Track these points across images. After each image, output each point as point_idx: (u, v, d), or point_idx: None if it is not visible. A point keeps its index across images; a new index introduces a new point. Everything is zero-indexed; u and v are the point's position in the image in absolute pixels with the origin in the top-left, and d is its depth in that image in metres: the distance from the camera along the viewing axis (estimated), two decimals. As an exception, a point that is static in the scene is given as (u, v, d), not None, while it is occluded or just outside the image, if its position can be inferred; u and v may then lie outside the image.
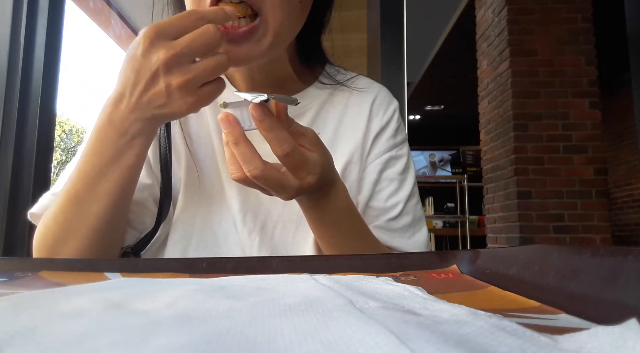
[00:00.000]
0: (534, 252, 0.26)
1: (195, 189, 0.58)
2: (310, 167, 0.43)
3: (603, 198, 2.82)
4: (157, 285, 0.23)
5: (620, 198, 5.45)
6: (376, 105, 0.64)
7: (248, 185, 0.43)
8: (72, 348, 0.12)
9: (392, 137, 0.63)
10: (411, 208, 0.61)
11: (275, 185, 0.42)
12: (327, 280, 0.25)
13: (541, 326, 0.17)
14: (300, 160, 0.42)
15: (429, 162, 7.17)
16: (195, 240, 0.57)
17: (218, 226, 0.57)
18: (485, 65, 3.33)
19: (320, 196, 0.47)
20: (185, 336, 0.13)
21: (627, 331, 0.12)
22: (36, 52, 1.09)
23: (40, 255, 0.49)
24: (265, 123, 0.40)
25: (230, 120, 0.41)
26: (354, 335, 0.12)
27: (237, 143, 0.41)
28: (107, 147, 0.44)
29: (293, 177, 0.43)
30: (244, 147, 0.41)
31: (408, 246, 0.59)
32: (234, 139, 0.41)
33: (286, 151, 0.41)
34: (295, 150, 0.41)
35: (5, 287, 0.27)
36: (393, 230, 0.60)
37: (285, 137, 0.41)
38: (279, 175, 0.42)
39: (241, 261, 0.35)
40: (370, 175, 0.61)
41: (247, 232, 0.57)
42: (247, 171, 0.41)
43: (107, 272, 0.32)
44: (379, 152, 0.62)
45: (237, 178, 0.42)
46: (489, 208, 3.30)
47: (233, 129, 0.41)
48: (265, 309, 0.16)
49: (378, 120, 0.63)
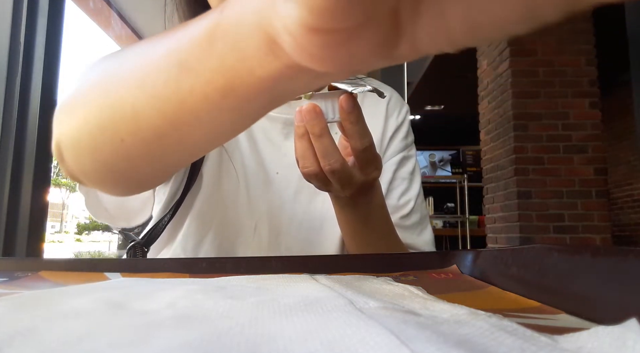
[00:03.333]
0: (534, 252, 0.26)
1: (217, 184, 0.58)
2: (377, 162, 0.43)
3: (603, 198, 2.82)
4: (157, 285, 0.23)
5: (620, 199, 5.44)
6: (391, 106, 0.66)
7: (316, 180, 0.42)
8: (72, 348, 0.12)
9: (405, 137, 0.66)
10: (419, 206, 0.63)
11: (347, 179, 0.41)
12: (327, 280, 0.25)
13: (541, 326, 0.17)
14: (373, 155, 0.42)
15: (429, 162, 7.16)
16: (211, 236, 0.57)
17: (240, 224, 0.57)
18: (485, 65, 3.33)
19: (368, 192, 0.47)
20: (185, 336, 0.13)
21: (627, 331, 0.12)
22: (36, 52, 1.08)
23: (61, 118, 0.32)
24: (353, 115, 0.39)
25: (318, 112, 0.39)
26: (354, 335, 0.12)
27: (321, 135, 0.39)
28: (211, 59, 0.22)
29: (360, 172, 0.42)
30: (328, 140, 0.39)
31: (418, 243, 0.61)
32: (320, 130, 0.39)
33: (366, 145, 0.40)
34: (372, 145, 0.41)
35: (5, 287, 0.27)
36: (405, 227, 0.61)
37: (366, 130, 0.40)
38: (352, 170, 0.41)
39: (241, 261, 0.35)
40: (386, 174, 0.63)
41: (272, 232, 0.57)
42: (326, 164, 0.39)
43: (107, 272, 0.32)
44: (394, 152, 0.64)
45: (310, 173, 0.41)
46: (489, 208, 3.30)
47: (320, 121, 0.39)
48: (265, 309, 0.16)
49: (393, 120, 0.65)
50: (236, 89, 0.21)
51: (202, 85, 0.21)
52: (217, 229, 0.57)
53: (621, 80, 4.60)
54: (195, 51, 0.21)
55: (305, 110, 0.39)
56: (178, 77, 0.22)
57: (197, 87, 0.22)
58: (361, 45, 0.16)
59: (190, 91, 0.22)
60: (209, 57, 0.21)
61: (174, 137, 0.25)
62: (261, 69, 0.19)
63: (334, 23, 0.15)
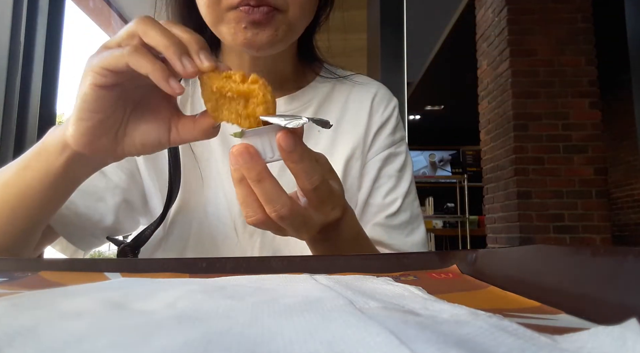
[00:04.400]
0: (534, 252, 0.26)
1: (192, 190, 0.58)
2: (335, 199, 0.38)
3: (603, 198, 2.82)
4: (157, 285, 0.23)
5: (620, 199, 5.44)
6: (376, 102, 0.64)
7: (266, 227, 0.37)
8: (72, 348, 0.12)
9: (392, 134, 0.64)
10: (409, 205, 0.61)
11: (300, 224, 0.37)
12: (327, 280, 0.25)
13: (541, 326, 0.17)
14: (327, 193, 0.37)
15: (429, 162, 7.17)
16: (193, 243, 0.57)
17: (216, 229, 0.57)
18: (485, 65, 3.33)
19: (333, 229, 0.42)
20: (185, 336, 0.13)
21: (627, 331, 0.12)
22: (36, 52, 1.08)
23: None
24: (296, 154, 0.34)
25: (252, 153, 0.33)
26: (354, 335, 0.12)
27: (260, 180, 0.34)
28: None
29: (317, 213, 0.38)
30: (269, 183, 0.34)
31: (406, 245, 0.59)
32: (257, 175, 0.34)
33: (315, 184, 0.35)
34: (324, 182, 0.36)
35: (5, 287, 0.27)
36: (391, 226, 0.59)
37: (314, 167, 0.35)
38: (305, 212, 0.37)
39: (241, 261, 0.35)
40: (370, 172, 0.61)
41: (248, 234, 0.57)
42: (272, 211, 0.35)
43: (107, 272, 0.32)
44: (379, 149, 0.63)
45: (256, 222, 0.36)
46: (489, 208, 3.30)
47: (256, 164, 0.34)
48: (266, 309, 0.16)
49: (378, 116, 0.64)
50: (51, 171, 0.40)
51: (35, 172, 0.41)
52: (198, 237, 0.57)
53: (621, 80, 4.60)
54: (31, 155, 0.42)
55: (237, 153, 0.34)
56: (23, 171, 0.42)
57: (33, 174, 0.41)
58: (101, 142, 0.38)
59: (30, 176, 0.41)
60: (39, 157, 0.41)
61: (25, 203, 0.43)
62: (63, 155, 0.40)
63: (86, 137, 0.37)
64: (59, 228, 0.52)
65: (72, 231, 0.53)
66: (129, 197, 0.57)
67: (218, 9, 0.48)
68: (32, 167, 0.41)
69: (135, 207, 0.58)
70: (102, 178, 0.55)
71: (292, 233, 0.38)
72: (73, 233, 0.53)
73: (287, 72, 0.61)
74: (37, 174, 0.41)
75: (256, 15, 0.46)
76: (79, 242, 0.54)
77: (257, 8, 0.46)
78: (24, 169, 0.42)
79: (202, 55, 0.34)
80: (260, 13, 0.46)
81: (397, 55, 1.59)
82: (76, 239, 0.54)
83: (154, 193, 0.58)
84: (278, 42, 0.50)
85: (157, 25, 0.34)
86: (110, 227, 0.55)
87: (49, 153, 0.40)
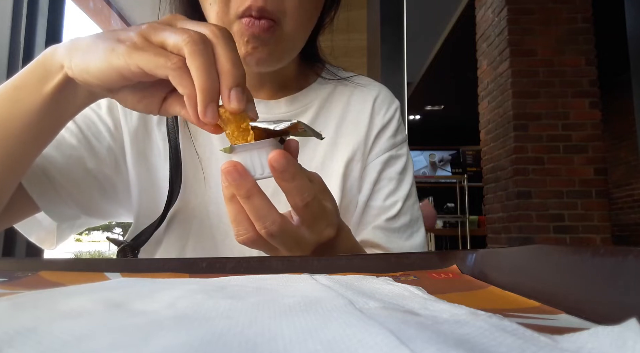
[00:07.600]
0: (534, 252, 0.26)
1: (194, 190, 0.58)
2: (328, 217, 0.38)
3: (603, 198, 2.82)
4: (157, 285, 0.23)
5: (620, 199, 5.45)
6: (378, 103, 0.64)
7: (257, 246, 0.37)
8: (72, 348, 0.12)
9: (393, 136, 0.63)
10: (409, 208, 0.61)
11: (292, 242, 0.36)
12: (327, 280, 0.25)
13: (541, 326, 0.17)
14: (319, 210, 0.36)
15: (429, 162, 7.17)
16: (192, 242, 0.57)
17: (217, 228, 0.57)
18: (485, 65, 3.33)
19: (327, 249, 0.41)
20: (185, 336, 0.13)
21: (627, 331, 0.12)
22: (36, 52, 1.08)
23: None
24: (287, 174, 0.33)
25: (240, 171, 0.33)
26: (354, 335, 0.12)
27: (249, 197, 0.33)
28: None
29: (309, 232, 0.37)
30: (259, 200, 0.34)
31: (405, 249, 0.59)
32: (246, 192, 0.33)
33: (307, 201, 0.35)
34: (315, 199, 0.35)
35: (5, 287, 0.27)
36: (391, 230, 0.59)
37: (306, 184, 0.35)
38: (297, 230, 0.36)
39: (241, 261, 0.35)
40: (371, 174, 0.61)
41: None
42: (261, 228, 0.34)
43: (107, 272, 0.32)
44: (380, 151, 0.62)
45: (247, 240, 0.35)
46: (489, 208, 3.30)
47: (244, 181, 0.33)
48: (266, 309, 0.16)
49: (380, 118, 0.63)
50: (46, 90, 0.38)
51: (28, 93, 0.39)
52: (198, 237, 0.56)
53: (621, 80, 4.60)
54: (24, 74, 0.40)
55: (226, 172, 0.33)
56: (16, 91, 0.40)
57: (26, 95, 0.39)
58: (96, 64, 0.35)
59: (23, 98, 0.39)
60: (32, 76, 0.39)
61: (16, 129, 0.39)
62: (60, 76, 0.38)
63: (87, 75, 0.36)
64: (29, 186, 0.49)
65: (43, 191, 0.49)
66: (106, 182, 0.55)
67: (227, 19, 0.48)
68: (24, 86, 0.39)
69: (110, 195, 0.57)
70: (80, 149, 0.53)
71: (285, 253, 0.37)
72: (43, 194, 0.49)
73: (290, 73, 0.62)
74: (28, 94, 0.39)
75: (256, 29, 0.47)
76: (48, 204, 0.51)
77: (258, 21, 0.47)
78: (14, 89, 0.40)
79: (233, 93, 0.33)
80: (261, 27, 0.47)
81: (397, 55, 1.59)
82: (46, 202, 0.50)
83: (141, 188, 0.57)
84: (276, 61, 0.52)
85: (205, 53, 0.32)
86: (82, 202, 0.53)
87: (47, 71, 0.38)
